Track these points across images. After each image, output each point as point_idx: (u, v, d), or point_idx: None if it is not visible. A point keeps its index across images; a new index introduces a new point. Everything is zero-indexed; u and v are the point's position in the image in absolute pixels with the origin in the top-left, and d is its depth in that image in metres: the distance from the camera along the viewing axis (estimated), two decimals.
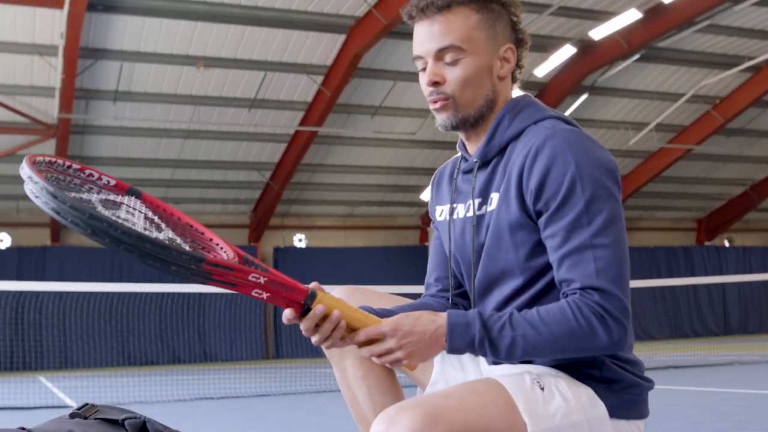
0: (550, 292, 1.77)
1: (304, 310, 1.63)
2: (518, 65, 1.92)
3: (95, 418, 1.78)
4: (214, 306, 20.49)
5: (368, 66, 16.27)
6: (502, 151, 1.84)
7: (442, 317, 1.66)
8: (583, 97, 18.68)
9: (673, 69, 18.53)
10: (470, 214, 1.88)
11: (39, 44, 14.39)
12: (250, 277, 1.56)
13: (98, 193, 1.57)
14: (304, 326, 1.65)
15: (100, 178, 1.63)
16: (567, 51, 16.01)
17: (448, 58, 1.81)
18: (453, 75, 1.81)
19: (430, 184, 2.10)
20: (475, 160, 1.87)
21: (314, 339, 1.65)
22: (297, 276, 10.46)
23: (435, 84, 1.82)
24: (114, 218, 1.44)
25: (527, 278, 1.78)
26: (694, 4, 14.61)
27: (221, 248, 1.66)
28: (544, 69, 16.50)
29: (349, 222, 23.07)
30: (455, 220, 1.93)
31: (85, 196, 1.51)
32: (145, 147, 18.26)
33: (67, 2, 12.29)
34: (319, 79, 16.51)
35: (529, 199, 1.73)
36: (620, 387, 1.73)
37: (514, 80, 1.93)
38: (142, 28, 14.52)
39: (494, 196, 1.82)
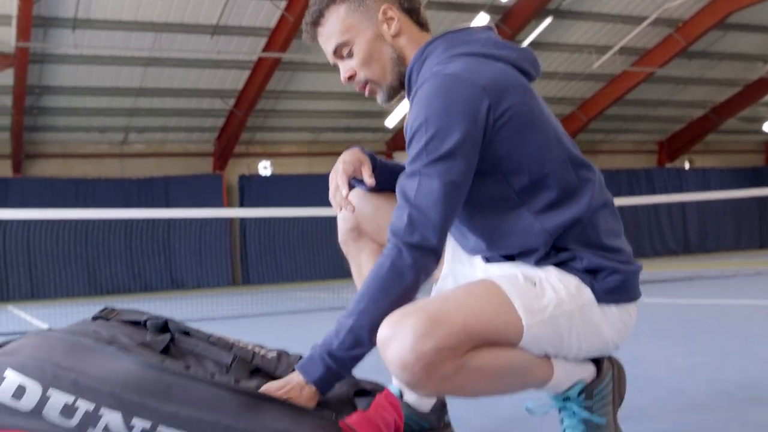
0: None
1: None
2: (409, 8, 1.97)
3: (117, 320, 1.85)
4: (181, 231, 20.54)
5: None
6: None
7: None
8: (548, 20, 18.63)
9: None
10: None
11: None
12: None
13: None
14: None
15: None
16: None
17: (344, 53, 1.97)
18: (355, 64, 1.96)
19: None
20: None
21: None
22: (263, 203, 10.51)
23: (350, 78, 1.99)
24: None
25: None
26: None
27: None
28: None
29: (315, 148, 23.02)
30: None
31: None
32: (106, 75, 17.96)
33: None
34: (282, 4, 16.28)
35: None
36: (604, 275, 1.82)
37: (416, 17, 1.98)
38: None
39: None
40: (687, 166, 28.09)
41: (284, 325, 6.98)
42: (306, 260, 21.69)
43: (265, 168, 22.71)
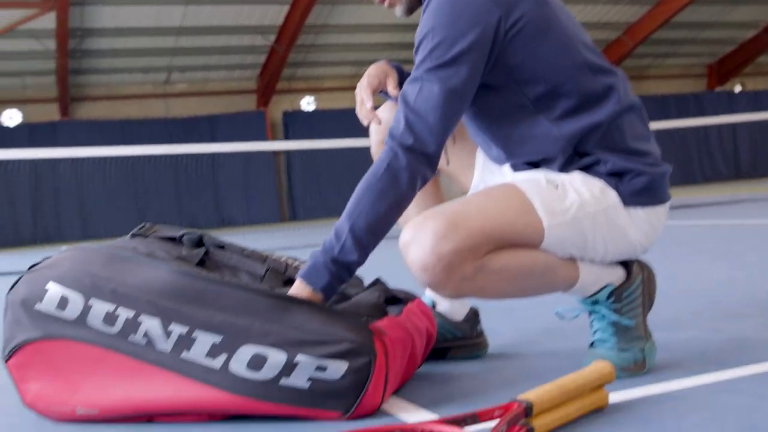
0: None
1: None
2: None
3: (155, 237, 1.92)
4: (228, 167, 20.81)
5: None
6: None
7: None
8: None
9: None
10: None
11: None
12: None
13: None
14: None
15: None
16: None
17: None
18: None
19: None
20: None
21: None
22: (307, 138, 10.58)
23: None
24: None
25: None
26: None
27: None
28: None
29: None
30: None
31: None
32: (146, 15, 17.96)
33: None
34: None
35: None
36: (630, 177, 1.82)
37: None
38: None
39: None
40: (738, 89, 27.41)
41: None
42: (352, 194, 21.77)
43: (308, 103, 22.71)
